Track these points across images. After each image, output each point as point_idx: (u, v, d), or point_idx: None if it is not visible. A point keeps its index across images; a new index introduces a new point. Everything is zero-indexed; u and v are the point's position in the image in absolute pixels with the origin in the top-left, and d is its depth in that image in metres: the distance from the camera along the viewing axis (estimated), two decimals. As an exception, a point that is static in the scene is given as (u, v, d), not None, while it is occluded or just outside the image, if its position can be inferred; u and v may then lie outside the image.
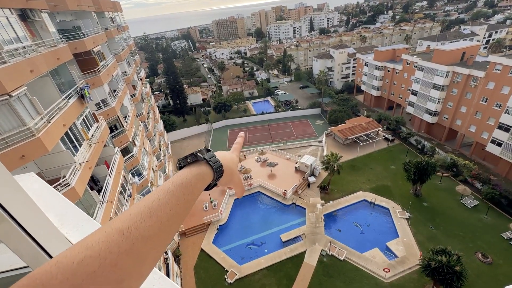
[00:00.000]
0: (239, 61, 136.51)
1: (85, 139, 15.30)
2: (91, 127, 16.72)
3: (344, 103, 64.44)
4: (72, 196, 12.14)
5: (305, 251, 28.86)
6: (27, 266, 0.91)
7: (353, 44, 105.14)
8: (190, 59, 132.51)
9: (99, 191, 15.69)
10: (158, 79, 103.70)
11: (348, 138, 48.21)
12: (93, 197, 14.47)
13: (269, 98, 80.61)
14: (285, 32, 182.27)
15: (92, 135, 16.26)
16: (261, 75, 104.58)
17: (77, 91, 15.08)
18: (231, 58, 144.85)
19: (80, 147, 14.57)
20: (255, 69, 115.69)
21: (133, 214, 0.69)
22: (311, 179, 39.60)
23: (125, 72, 31.14)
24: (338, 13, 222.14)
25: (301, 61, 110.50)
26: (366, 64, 65.56)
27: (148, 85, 43.71)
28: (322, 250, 28.68)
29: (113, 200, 16.29)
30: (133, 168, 23.98)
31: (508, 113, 36.58)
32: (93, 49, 20.62)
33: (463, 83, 43.12)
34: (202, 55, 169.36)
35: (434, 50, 47.57)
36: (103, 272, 0.56)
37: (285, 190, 36.98)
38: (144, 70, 48.62)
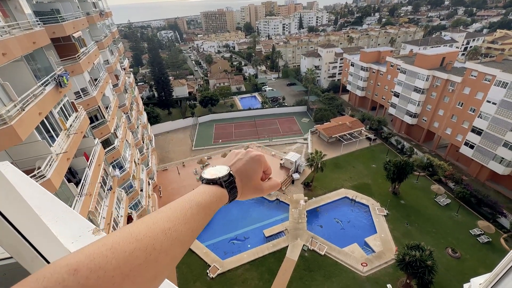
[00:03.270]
0: (227, 55, 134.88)
1: (62, 129, 14.58)
2: (69, 116, 15.94)
3: (329, 102, 65.57)
4: (48, 189, 11.51)
5: (287, 246, 29.39)
6: (11, 257, 0.87)
7: (340, 44, 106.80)
8: (177, 50, 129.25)
9: (77, 184, 15.08)
10: (143, 70, 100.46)
11: (333, 136, 49.24)
12: (70, 190, 13.89)
13: (256, 94, 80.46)
14: (274, 28, 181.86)
15: (71, 125, 15.52)
16: (249, 70, 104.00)
17: (54, 78, 14.29)
18: (219, 52, 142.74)
19: (57, 137, 13.88)
20: (243, 64, 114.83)
21: (173, 218, 0.75)
22: (295, 175, 40.19)
23: (107, 60, 29.85)
24: (327, 12, 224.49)
25: (290, 58, 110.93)
26: (352, 65, 66.95)
27: (132, 76, 42.21)
28: (303, 245, 29.33)
29: (93, 193, 15.73)
30: (115, 161, 23.22)
31: (481, 118, 38.80)
32: (73, 35, 19.57)
33: (442, 87, 45.16)
34: (189, 47, 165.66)
35: (417, 54, 49.35)
36: (147, 266, 0.60)
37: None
38: (128, 59, 46.87)
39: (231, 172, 1.08)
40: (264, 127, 58.77)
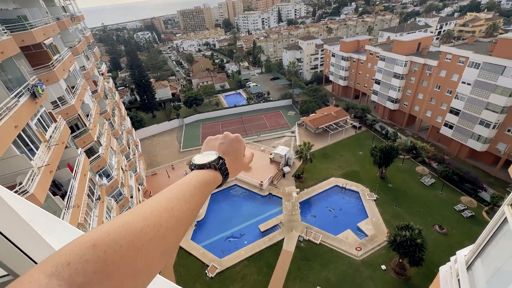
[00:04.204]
0: (208, 53, 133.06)
1: (42, 141, 14.01)
2: (48, 127, 15.32)
3: (314, 93, 66.27)
4: (32, 204, 11.13)
5: (283, 238, 29.78)
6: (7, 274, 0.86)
7: (320, 35, 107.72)
8: (156, 51, 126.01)
9: (63, 196, 14.60)
10: (122, 74, 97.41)
11: (319, 127, 49.95)
12: (56, 203, 13.44)
13: (241, 91, 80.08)
14: (254, 23, 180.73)
15: (51, 137, 14.93)
16: (231, 67, 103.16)
17: (28, 88, 13.65)
18: (199, 50, 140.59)
19: (37, 150, 13.33)
20: (225, 61, 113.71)
21: (174, 199, 0.82)
22: (286, 169, 40.59)
23: (83, 66, 28.76)
24: (305, 4, 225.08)
25: (271, 53, 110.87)
26: (333, 55, 67.80)
27: (111, 80, 40.89)
28: (299, 236, 29.82)
29: (80, 205, 15.28)
30: (101, 169, 22.58)
31: (457, 99, 40.46)
32: (44, 42, 18.70)
33: (420, 72, 46.64)
34: (169, 47, 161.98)
35: (394, 41, 50.59)
36: (156, 241, 0.67)
37: (261, 181, 37.51)
38: (106, 64, 45.31)
39: (220, 156, 1.18)
40: (251, 123, 58.76)
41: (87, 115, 23.36)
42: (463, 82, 38.91)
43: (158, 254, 0.67)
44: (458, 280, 4.19)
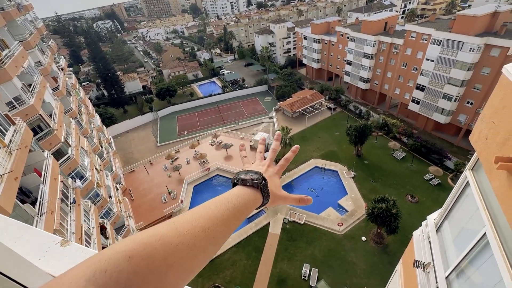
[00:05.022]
0: (177, 41, 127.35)
1: (1, 146, 12.83)
2: (6, 131, 14.02)
3: (288, 77, 66.50)
4: (-2, 215, 10.31)
5: (269, 222, 30.59)
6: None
7: (291, 18, 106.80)
8: (120, 42, 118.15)
9: (33, 203, 13.68)
10: (85, 68, 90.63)
11: (296, 111, 50.60)
12: (27, 211, 12.57)
13: (215, 79, 78.26)
14: (223, 8, 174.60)
15: (11, 141, 13.71)
16: (203, 55, 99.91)
17: (-24, 89, 12.26)
18: (167, 39, 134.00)
19: (-4, 156, 12.21)
20: (196, 49, 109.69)
21: (213, 217, 0.81)
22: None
23: (39, 62, 26.28)
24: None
25: (243, 38, 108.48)
26: (305, 38, 67.89)
27: (73, 76, 37.88)
28: (284, 218, 30.77)
29: (54, 210, 14.44)
30: (73, 171, 21.30)
31: (422, 75, 42.73)
32: (-11, 36, 16.71)
33: (387, 51, 48.35)
34: (134, 37, 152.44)
35: (362, 22, 51.56)
36: (188, 260, 0.67)
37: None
38: (65, 58, 41.74)
39: (263, 176, 1.17)
40: (229, 112, 58.06)
41: (50, 115, 21.63)
42: (427, 59, 41.02)
43: (187, 272, 0.67)
44: (429, 241, 4.59)
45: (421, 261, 4.37)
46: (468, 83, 37.89)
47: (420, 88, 43.67)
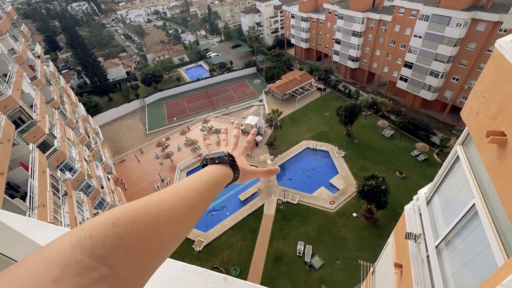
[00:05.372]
0: (160, 23, 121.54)
1: (-18, 141, 12.29)
2: (-14, 125, 13.38)
3: (277, 59, 65.23)
4: (-13, 211, 10.07)
5: (263, 204, 31.25)
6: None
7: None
8: (98, 25, 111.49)
9: (23, 198, 13.41)
10: (62, 54, 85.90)
11: (286, 93, 50.24)
12: (17, 206, 12.33)
13: (202, 62, 75.97)
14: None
15: (-9, 135, 13.13)
16: (188, 37, 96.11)
17: None
18: (149, 21, 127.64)
19: (-22, 152, 11.73)
20: (180, 32, 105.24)
21: (189, 189, 0.89)
22: (258, 138, 41.08)
23: (12, 49, 24.68)
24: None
25: (229, 18, 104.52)
26: (293, 16, 66.00)
27: (51, 63, 35.91)
28: (278, 199, 31.47)
29: (46, 204, 14.22)
30: (61, 164, 20.81)
31: (410, 52, 42.80)
32: (-47, 22, 15.42)
33: (376, 28, 47.82)
34: (113, 20, 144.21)
35: (351, -2, 50.28)
36: (171, 225, 0.73)
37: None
38: (40, 44, 39.26)
39: (229, 153, 1.30)
40: (218, 96, 57.03)
41: (31, 106, 20.69)
42: (415, 36, 40.91)
43: (171, 237, 0.72)
44: (420, 214, 4.82)
45: (413, 233, 4.60)
46: (455, 59, 38.30)
47: (408, 65, 43.90)
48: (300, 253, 25.70)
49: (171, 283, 1.31)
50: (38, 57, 31.60)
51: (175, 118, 51.20)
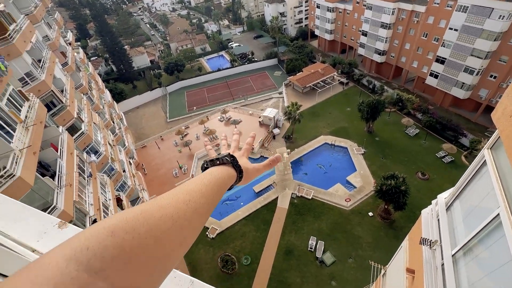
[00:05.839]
0: (184, 12, 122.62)
1: (18, 122, 13.26)
2: (21, 107, 14.39)
3: (299, 50, 63.65)
4: (21, 187, 10.97)
5: (277, 197, 31.31)
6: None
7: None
8: (126, 14, 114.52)
9: (52, 176, 14.40)
10: (92, 42, 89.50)
11: (307, 86, 49.17)
12: (47, 183, 13.29)
13: (223, 53, 76.05)
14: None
15: (26, 117, 14.12)
16: (210, 27, 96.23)
17: (-12, 65, 12.43)
18: (174, 10, 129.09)
19: (14, 132, 12.68)
20: (203, 21, 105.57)
21: (191, 191, 0.85)
22: (276, 131, 40.84)
23: (46, 36, 26.09)
24: None
25: (252, 8, 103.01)
26: (318, 7, 63.73)
27: (81, 50, 37.63)
28: (292, 193, 31.36)
29: (72, 183, 15.20)
30: (87, 146, 22.05)
31: (444, 46, 39.95)
32: (-5, 9, 16.54)
33: (407, 20, 44.98)
34: (139, 8, 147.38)
35: (381, -13, 47.50)
36: (174, 231, 0.68)
37: (252, 145, 37.87)
38: (72, 32, 41.21)
39: (230, 153, 1.27)
40: (238, 87, 57.09)
41: (62, 91, 21.93)
42: (450, 28, 38.04)
43: (176, 244, 0.67)
44: (438, 220, 4.56)
45: (428, 239, 4.37)
46: (494, 54, 35.25)
47: (440, 60, 41.09)
48: (311, 248, 25.63)
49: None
50: (70, 44, 33.21)
51: (195, 108, 52.10)
